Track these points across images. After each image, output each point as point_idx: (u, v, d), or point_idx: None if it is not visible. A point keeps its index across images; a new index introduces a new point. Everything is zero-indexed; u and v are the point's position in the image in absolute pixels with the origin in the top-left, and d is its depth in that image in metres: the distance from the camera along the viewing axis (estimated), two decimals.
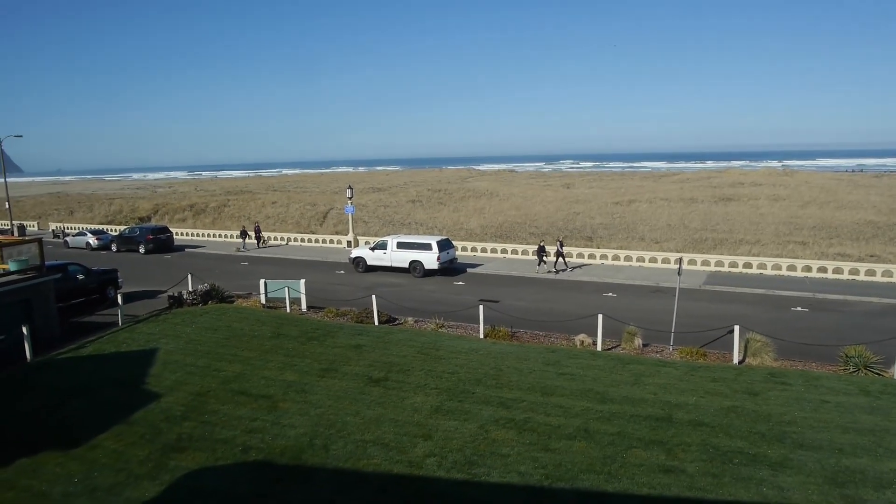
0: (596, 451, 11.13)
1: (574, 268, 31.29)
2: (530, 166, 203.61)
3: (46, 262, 21.06)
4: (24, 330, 17.51)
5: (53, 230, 54.63)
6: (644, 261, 31.76)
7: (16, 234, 50.51)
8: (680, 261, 19.64)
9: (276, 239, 44.41)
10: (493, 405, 13.36)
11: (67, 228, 53.83)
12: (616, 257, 32.59)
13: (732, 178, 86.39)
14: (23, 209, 72.28)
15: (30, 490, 10.60)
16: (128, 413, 13.58)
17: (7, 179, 54.27)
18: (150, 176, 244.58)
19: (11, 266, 19.34)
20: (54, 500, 10.28)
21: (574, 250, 33.86)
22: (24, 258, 20.09)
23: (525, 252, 34.94)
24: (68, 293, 23.47)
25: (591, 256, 33.15)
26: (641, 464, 10.62)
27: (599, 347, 17.41)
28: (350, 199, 40.06)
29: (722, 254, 32.76)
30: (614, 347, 17.62)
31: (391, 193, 76.34)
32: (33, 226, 59.64)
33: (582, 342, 17.84)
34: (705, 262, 30.47)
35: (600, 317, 17.57)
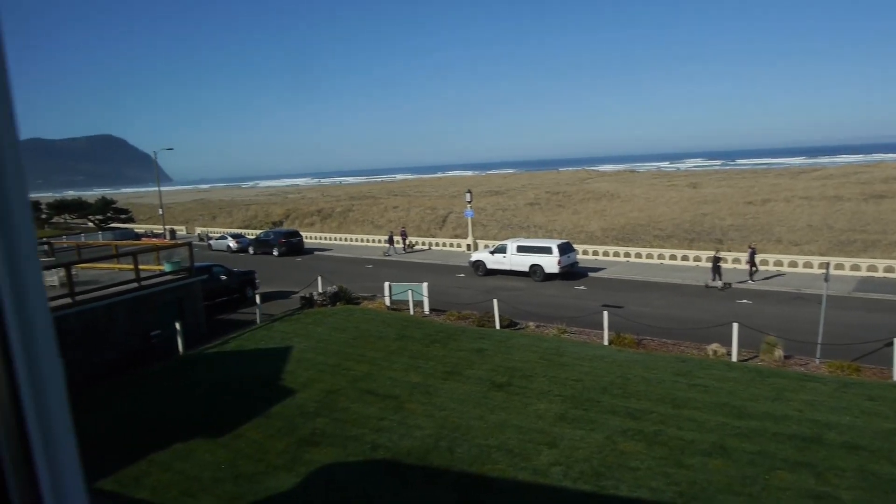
0: (734, 470, 10.46)
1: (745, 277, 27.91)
2: (652, 166, 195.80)
3: (194, 264, 22.97)
4: (177, 326, 19.17)
5: (199, 234, 59.53)
6: (782, 265, 29.54)
7: (168, 237, 55.64)
8: (828, 265, 18.06)
9: (421, 244, 44.61)
10: (621, 415, 12.94)
11: (210, 232, 58.49)
12: (736, 260, 30.51)
13: (885, 172, 78.34)
14: (172, 215, 79.44)
15: (184, 473, 11.56)
16: (267, 406, 14.48)
17: (160, 188, 59.90)
18: (280, 182, 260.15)
19: (166, 268, 21.28)
20: (205, 484, 11.14)
21: (703, 253, 32.14)
22: (176, 260, 22.05)
23: (650, 255, 33.63)
24: (213, 293, 25.45)
25: (723, 261, 31.23)
26: (787, 487, 9.84)
27: (735, 358, 16.38)
28: (469, 202, 40.44)
29: (874, 257, 29.77)
30: (751, 359, 16.51)
31: (509, 196, 76.27)
32: (182, 230, 65.34)
33: (715, 352, 16.87)
34: (855, 267, 27.83)
35: (735, 325, 16.54)
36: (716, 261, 27.22)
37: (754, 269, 27.72)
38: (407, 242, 42.63)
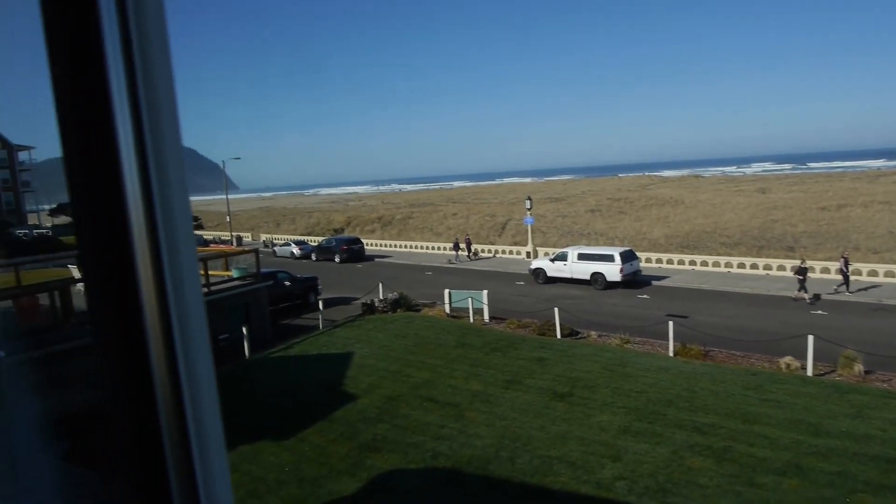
0: (811, 491, 9.97)
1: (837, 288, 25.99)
2: (717, 170, 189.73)
3: (260, 270, 23.66)
4: (244, 330, 19.77)
5: (264, 241, 61.33)
6: (861, 274, 28.03)
7: (235, 244, 57.57)
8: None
9: (486, 251, 44.26)
10: (687, 429, 12.55)
11: (275, 239, 60.15)
12: (825, 269, 29.12)
13: None
14: (239, 222, 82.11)
15: (250, 474, 11.88)
16: (329, 411, 14.73)
17: (228, 196, 62.06)
18: (340, 190, 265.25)
19: (235, 273, 22.01)
20: (270, 486, 11.42)
21: (773, 262, 30.89)
22: (243, 266, 22.78)
23: (716, 264, 32.55)
24: (277, 298, 26.13)
25: (810, 270, 29.91)
26: None
27: (810, 372, 15.64)
28: (529, 209, 40.19)
29: None
30: (828, 373, 15.72)
31: (569, 203, 75.39)
32: (247, 237, 67.46)
33: (788, 365, 16.15)
34: None
35: (811, 338, 15.79)
36: (801, 272, 25.33)
37: (845, 279, 25.75)
38: (472, 250, 42.54)
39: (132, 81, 0.75)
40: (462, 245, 42.24)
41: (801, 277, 25.04)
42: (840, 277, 26.01)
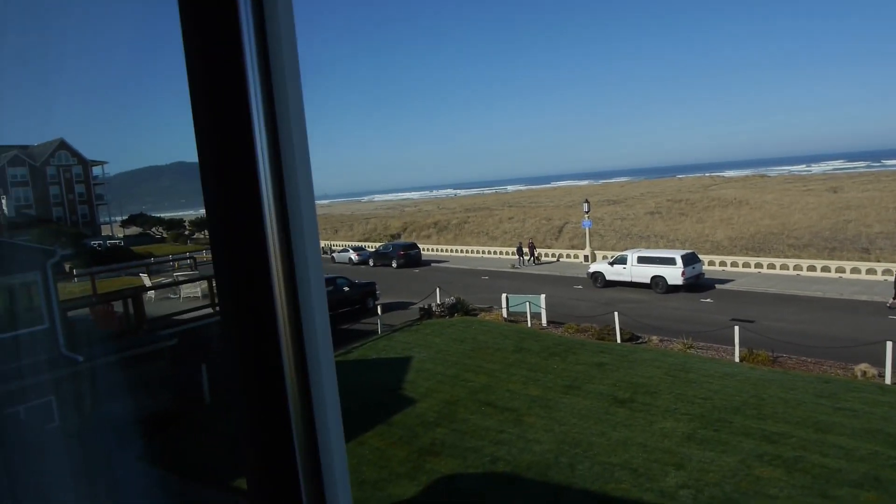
0: None
1: None
2: (784, 170, 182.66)
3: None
4: None
5: (322, 247, 62.67)
6: None
7: None
8: None
9: (547, 255, 43.77)
10: (755, 438, 12.13)
11: (334, 245, 61.36)
12: None
13: None
14: None
15: None
16: (388, 415, 14.91)
17: None
18: (395, 196, 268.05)
19: None
20: None
21: (846, 264, 29.53)
22: None
23: (784, 266, 31.35)
24: (337, 303, 26.65)
25: (871, 271, 28.56)
26: None
27: (888, 381, 14.88)
28: (587, 212, 39.70)
29: None
30: None
31: (627, 205, 74.01)
32: None
33: (864, 373, 15.41)
34: None
35: (889, 344, 15.02)
36: None
37: None
38: (535, 254, 42.16)
39: (267, 90, 0.82)
40: (525, 249, 41.85)
41: None
42: None
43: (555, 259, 42.86)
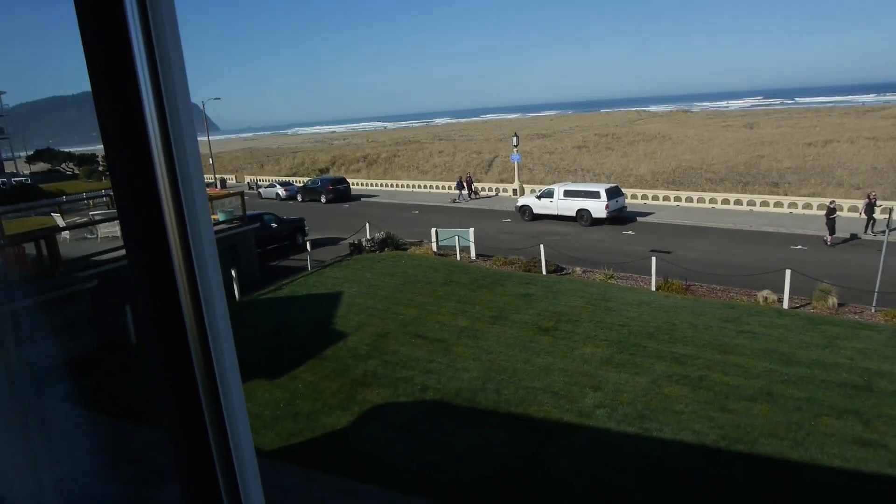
0: (780, 415, 10.53)
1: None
2: (706, 105, 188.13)
3: (246, 213, 23.64)
4: (233, 273, 19.95)
5: (248, 183, 60.76)
6: (843, 209, 28.48)
7: (219, 187, 57.01)
8: (891, 210, 17.38)
9: (485, 190, 43.33)
10: (666, 360, 13.06)
11: (260, 181, 59.61)
12: (808, 205, 29.55)
13: None
14: (222, 164, 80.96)
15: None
16: (320, 349, 15.09)
17: (209, 138, 60.98)
18: (323, 129, 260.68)
19: (220, 217, 22.00)
20: (266, 421, 11.83)
21: (757, 198, 31.25)
22: (230, 209, 22.75)
23: (701, 200, 32.87)
24: (264, 240, 26.20)
25: (778, 204, 30.38)
26: (833, 433, 9.88)
27: (786, 305, 16.18)
28: (515, 146, 40.01)
29: None
30: (804, 306, 16.27)
31: (556, 139, 74.91)
32: (231, 179, 66.72)
33: (766, 299, 16.67)
34: None
35: (788, 272, 16.25)
36: (830, 212, 23.77)
37: (872, 220, 24.51)
38: (473, 188, 41.90)
39: (149, 41, 0.88)
40: (464, 183, 41.44)
41: (830, 219, 23.64)
42: (864, 218, 24.86)
43: (494, 193, 42.87)
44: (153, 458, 10.59)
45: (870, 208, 24.55)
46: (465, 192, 40.94)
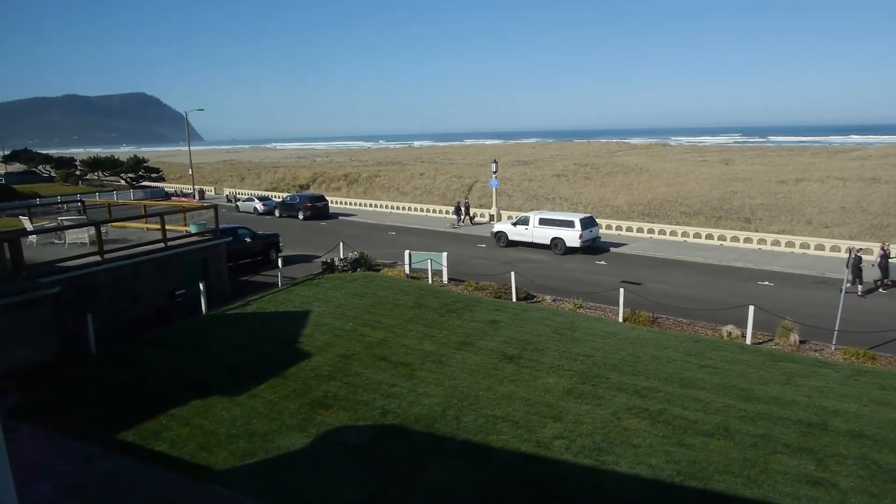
0: (735, 452, 10.57)
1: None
2: (685, 140, 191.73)
3: (220, 226, 23.42)
4: (201, 286, 19.68)
5: (227, 195, 60.33)
6: (809, 247, 29.05)
7: (197, 198, 56.50)
8: (850, 250, 17.75)
9: (480, 215, 42.23)
10: (628, 392, 13.08)
11: (239, 194, 59.22)
12: (776, 242, 30.09)
13: None
14: (202, 175, 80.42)
15: (201, 428, 12.03)
16: (283, 368, 14.90)
17: (191, 148, 60.52)
18: (306, 146, 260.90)
19: (193, 229, 21.76)
20: (220, 440, 11.60)
21: (728, 233, 31.73)
22: (202, 222, 22.51)
23: (674, 233, 33.29)
24: (237, 254, 25.96)
25: (748, 240, 30.86)
26: (786, 472, 9.94)
27: (749, 341, 16.34)
28: (495, 172, 40.29)
29: None
30: (766, 342, 16.44)
31: (536, 167, 75.59)
32: (211, 191, 66.21)
33: (729, 334, 16.83)
34: None
35: (752, 308, 16.45)
36: (857, 261, 21.40)
37: (886, 279, 22.69)
38: (470, 214, 40.94)
39: None
40: (462, 209, 40.65)
41: (857, 268, 21.37)
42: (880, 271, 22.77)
43: (488, 220, 41.22)
44: (72, 477, 10.32)
45: (884, 261, 22.59)
46: (462, 217, 40.28)
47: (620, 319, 18.38)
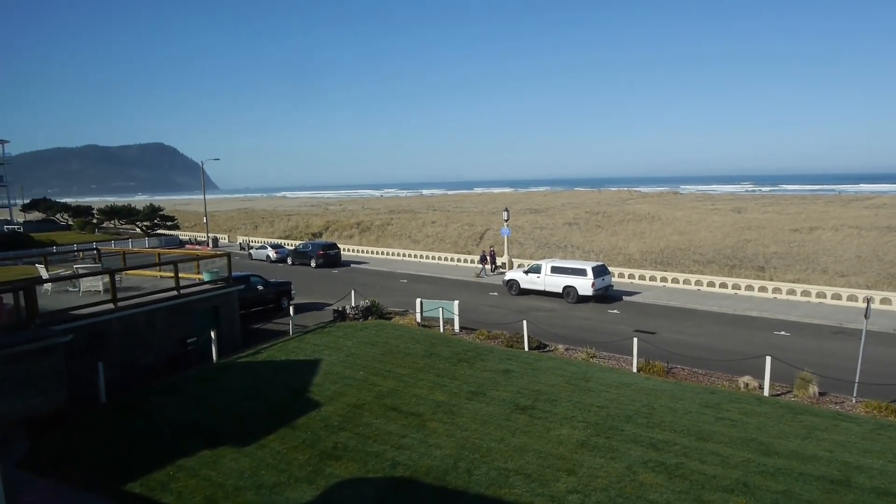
0: None
1: None
2: (696, 188, 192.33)
3: (232, 273, 23.58)
4: (212, 334, 19.70)
5: (240, 243, 60.93)
6: (825, 297, 28.68)
7: (210, 246, 57.11)
8: (868, 300, 17.46)
9: (507, 266, 40.25)
10: (643, 445, 12.78)
11: (252, 241, 59.80)
12: (791, 291, 29.76)
13: None
14: (217, 223, 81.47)
15: (209, 480, 11.85)
16: (292, 418, 14.73)
17: (206, 197, 61.55)
18: (319, 194, 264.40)
19: (206, 277, 21.92)
20: (228, 492, 11.40)
21: (742, 281, 31.46)
22: (215, 269, 22.70)
23: (687, 281, 33.06)
24: (249, 302, 26.02)
25: (763, 289, 30.57)
26: None
27: (766, 392, 16.00)
28: (506, 221, 40.50)
29: None
30: (784, 394, 16.10)
31: (548, 215, 75.98)
32: (224, 238, 66.94)
33: (746, 385, 16.51)
34: None
35: (769, 359, 16.16)
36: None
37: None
38: (495, 263, 40.26)
39: None
40: (487, 258, 40.03)
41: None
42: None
43: (505, 269, 39.70)
44: None
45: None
46: (487, 266, 39.61)
47: (634, 369, 18.11)
